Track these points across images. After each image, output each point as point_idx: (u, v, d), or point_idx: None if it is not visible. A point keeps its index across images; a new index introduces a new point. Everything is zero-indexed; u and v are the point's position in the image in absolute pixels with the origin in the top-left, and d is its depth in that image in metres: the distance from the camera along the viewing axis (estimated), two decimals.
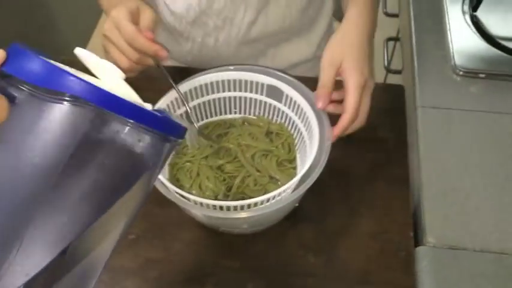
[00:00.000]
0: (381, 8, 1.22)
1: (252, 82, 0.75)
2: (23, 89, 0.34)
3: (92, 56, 0.44)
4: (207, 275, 0.69)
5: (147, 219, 0.74)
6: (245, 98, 0.78)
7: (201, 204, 0.61)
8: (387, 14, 1.25)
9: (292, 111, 0.75)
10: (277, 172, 0.73)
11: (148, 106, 0.43)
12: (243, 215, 0.59)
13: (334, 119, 0.67)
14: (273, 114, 0.79)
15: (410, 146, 0.82)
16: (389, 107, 0.87)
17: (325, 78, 0.68)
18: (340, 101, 0.68)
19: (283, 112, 0.77)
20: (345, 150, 0.80)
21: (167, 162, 0.70)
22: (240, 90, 0.77)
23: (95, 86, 0.35)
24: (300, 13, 0.90)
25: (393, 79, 1.24)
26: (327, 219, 0.73)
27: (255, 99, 0.78)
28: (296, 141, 0.77)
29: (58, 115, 0.34)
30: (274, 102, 0.77)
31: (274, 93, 0.75)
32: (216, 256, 0.71)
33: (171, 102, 0.72)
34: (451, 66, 0.89)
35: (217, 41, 0.89)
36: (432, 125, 0.82)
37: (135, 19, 0.67)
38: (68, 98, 0.34)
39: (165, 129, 0.40)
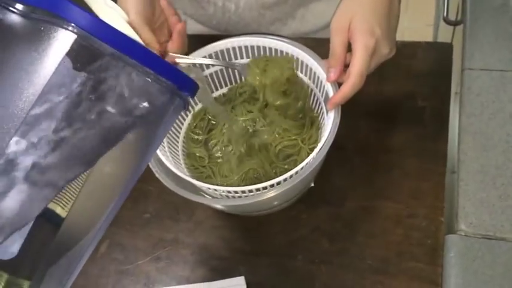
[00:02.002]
0: None
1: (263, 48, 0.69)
2: (10, 10, 0.31)
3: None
4: (218, 257, 0.67)
5: (162, 197, 0.73)
6: None
7: (221, 194, 0.58)
8: None
9: (306, 75, 0.69)
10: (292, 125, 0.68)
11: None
12: (271, 194, 0.55)
13: None
14: None
15: (452, 117, 0.72)
16: (432, 70, 0.77)
17: (334, 45, 0.59)
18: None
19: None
20: (372, 121, 0.73)
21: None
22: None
23: (102, 21, 0.32)
24: None
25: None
26: (346, 202, 0.67)
27: None
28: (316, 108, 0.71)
29: (49, 38, 0.31)
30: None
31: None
32: (228, 239, 0.68)
33: None
34: (511, 18, 0.76)
35: (238, 6, 0.83)
36: (479, 91, 0.70)
37: None
38: (63, 24, 0.31)
39: (176, 81, 0.35)
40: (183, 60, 0.62)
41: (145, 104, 0.34)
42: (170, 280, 0.67)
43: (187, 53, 0.67)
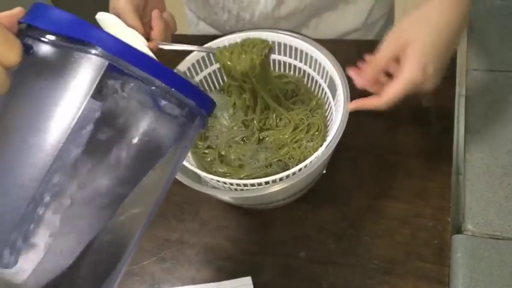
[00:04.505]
0: None
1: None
2: (41, 40, 0.32)
3: (117, 22, 0.42)
4: (224, 258, 0.67)
5: (167, 197, 0.72)
6: None
7: (230, 187, 0.58)
8: None
9: (314, 70, 0.70)
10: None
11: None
12: (276, 188, 0.55)
13: None
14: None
15: (457, 117, 0.72)
16: None
17: (380, 55, 0.56)
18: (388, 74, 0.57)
19: (309, 74, 0.72)
20: (378, 121, 0.73)
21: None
22: None
23: (131, 46, 0.32)
24: None
25: None
26: (352, 202, 0.67)
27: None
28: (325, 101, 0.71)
29: (79, 65, 0.31)
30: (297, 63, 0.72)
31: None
32: (233, 239, 0.68)
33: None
34: None
35: (253, 16, 0.83)
36: (484, 92, 0.71)
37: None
38: (94, 51, 0.31)
39: (198, 100, 0.36)
40: (166, 47, 0.61)
41: (172, 128, 0.35)
42: (175, 280, 0.66)
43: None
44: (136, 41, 0.44)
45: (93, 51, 0.31)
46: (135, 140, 0.34)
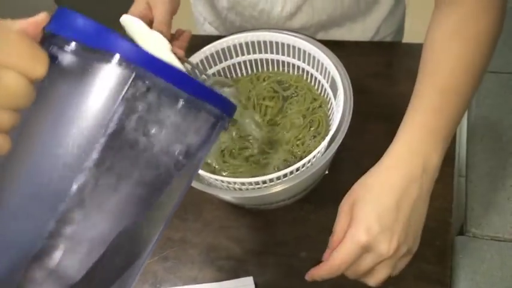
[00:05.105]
0: None
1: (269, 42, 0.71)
2: (66, 50, 0.31)
3: (141, 24, 0.42)
4: (226, 257, 0.67)
5: None
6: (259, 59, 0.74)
7: (234, 187, 0.58)
8: None
9: (317, 70, 0.70)
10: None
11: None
12: (279, 188, 0.56)
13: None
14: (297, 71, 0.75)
15: None
16: None
17: (336, 226, 0.52)
18: None
19: (311, 74, 0.72)
20: (380, 123, 0.73)
21: None
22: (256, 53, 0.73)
23: (156, 57, 0.32)
24: (354, 1, 0.78)
25: None
26: None
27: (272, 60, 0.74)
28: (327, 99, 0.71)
29: (105, 76, 0.31)
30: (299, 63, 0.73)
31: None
32: (235, 239, 0.68)
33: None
34: None
35: (255, 28, 0.84)
36: (487, 94, 0.71)
37: (148, 17, 0.63)
38: (121, 62, 0.31)
39: (220, 105, 0.36)
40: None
41: (195, 136, 0.35)
42: (177, 280, 0.67)
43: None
44: (161, 46, 0.44)
45: (120, 63, 0.31)
46: (161, 146, 0.34)
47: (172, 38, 0.65)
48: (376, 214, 0.48)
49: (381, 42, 0.88)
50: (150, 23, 0.61)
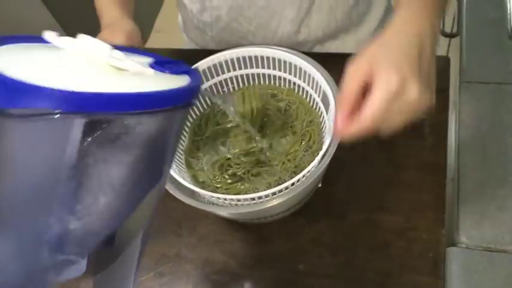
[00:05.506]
0: None
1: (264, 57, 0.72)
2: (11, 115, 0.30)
3: (65, 39, 0.40)
4: (221, 272, 0.67)
5: (164, 212, 0.73)
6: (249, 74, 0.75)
7: (230, 203, 0.59)
8: None
9: (308, 84, 0.71)
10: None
11: (149, 70, 0.39)
12: (274, 202, 0.56)
13: None
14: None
15: (450, 130, 0.73)
16: None
17: (345, 89, 0.48)
18: None
19: (303, 88, 0.73)
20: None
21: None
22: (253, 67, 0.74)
23: (75, 92, 0.30)
24: (346, 14, 0.82)
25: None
26: (347, 214, 0.68)
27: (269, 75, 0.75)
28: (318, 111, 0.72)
29: (42, 132, 0.31)
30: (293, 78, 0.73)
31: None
32: (230, 253, 0.69)
33: None
34: (507, 31, 0.77)
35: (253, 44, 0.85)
36: (477, 104, 0.71)
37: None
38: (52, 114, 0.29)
39: (173, 101, 0.36)
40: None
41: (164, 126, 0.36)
42: None
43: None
44: (100, 51, 0.41)
45: (55, 115, 0.29)
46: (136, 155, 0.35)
47: None
48: (404, 60, 0.46)
49: None
50: None
